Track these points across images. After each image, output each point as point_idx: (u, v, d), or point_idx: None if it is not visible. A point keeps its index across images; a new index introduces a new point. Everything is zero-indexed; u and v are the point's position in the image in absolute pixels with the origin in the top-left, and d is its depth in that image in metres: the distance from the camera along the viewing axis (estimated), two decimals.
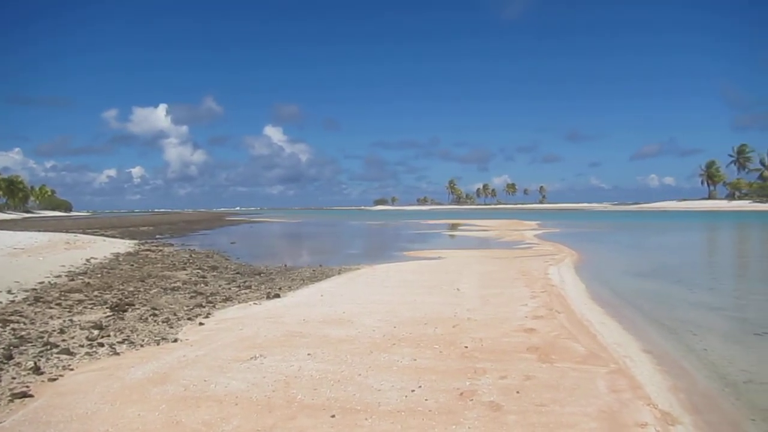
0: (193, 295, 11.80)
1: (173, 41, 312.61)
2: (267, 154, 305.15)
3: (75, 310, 9.93)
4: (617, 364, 6.61)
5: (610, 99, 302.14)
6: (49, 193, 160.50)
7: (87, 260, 18.34)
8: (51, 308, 10.02)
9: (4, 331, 8.06)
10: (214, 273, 15.91)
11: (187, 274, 15.48)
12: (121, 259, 19.58)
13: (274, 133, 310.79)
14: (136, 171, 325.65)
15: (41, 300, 10.69)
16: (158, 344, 7.57)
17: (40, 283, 12.94)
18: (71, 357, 6.88)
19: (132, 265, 17.67)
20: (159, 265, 17.76)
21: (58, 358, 6.83)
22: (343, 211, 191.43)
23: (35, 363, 6.45)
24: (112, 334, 8.10)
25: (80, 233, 33.91)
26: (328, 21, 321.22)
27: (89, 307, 10.33)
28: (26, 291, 11.76)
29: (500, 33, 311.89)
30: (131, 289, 12.62)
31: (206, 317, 9.44)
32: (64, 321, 8.95)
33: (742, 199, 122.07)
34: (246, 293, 12.12)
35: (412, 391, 5.58)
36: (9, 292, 11.43)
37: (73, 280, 13.84)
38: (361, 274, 15.36)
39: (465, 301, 10.67)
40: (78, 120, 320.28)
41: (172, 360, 6.74)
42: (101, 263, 18.04)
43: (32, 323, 8.73)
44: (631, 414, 5.06)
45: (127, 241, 29.37)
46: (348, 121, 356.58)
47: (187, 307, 10.38)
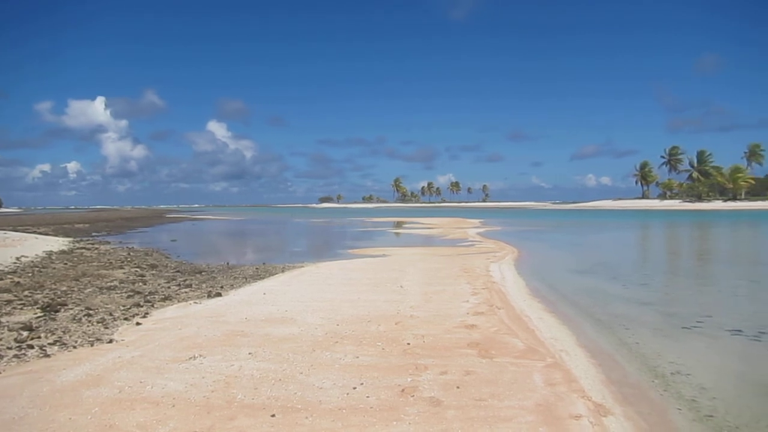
0: (131, 294, 11.46)
1: (114, 35, 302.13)
2: (211, 150, 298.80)
3: (3, 311, 9.49)
4: (554, 359, 6.81)
5: (552, 99, 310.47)
6: None
7: (17, 258, 17.54)
8: None
9: None
10: (153, 271, 15.49)
11: (124, 273, 15.02)
12: (54, 258, 18.80)
13: (218, 128, 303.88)
14: (72, 166, 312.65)
15: None
16: (92, 345, 7.32)
17: None
18: None
19: (66, 264, 17.00)
20: (95, 264, 17.16)
21: None
22: (288, 209, 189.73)
23: None
24: (42, 335, 7.77)
25: (10, 230, 32.37)
26: (275, 19, 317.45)
27: (18, 307, 9.88)
28: None
29: (447, 33, 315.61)
30: (64, 288, 12.14)
31: (144, 317, 9.18)
32: None
33: (673, 198, 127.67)
34: (186, 292, 11.86)
35: (354, 388, 5.59)
36: None
37: (1, 279, 13.21)
38: (305, 272, 15.27)
39: (408, 298, 10.75)
40: (8, 112, 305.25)
41: (107, 361, 6.53)
42: (33, 262, 17.29)
43: None
44: (566, 406, 5.22)
45: (61, 239, 28.24)
46: (295, 118, 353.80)
47: (123, 306, 10.07)
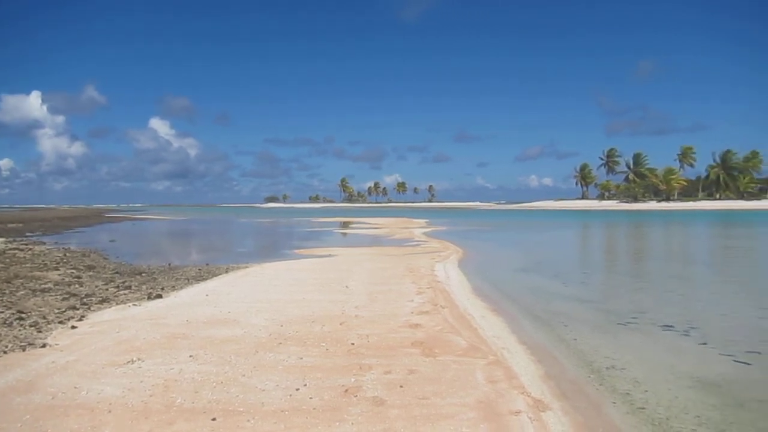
0: (66, 296, 11.04)
1: (52, 27, 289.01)
2: (153, 148, 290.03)
3: None
4: (495, 356, 6.94)
5: (498, 101, 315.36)
6: None
7: None
8: None
9: None
10: (91, 273, 14.97)
11: (60, 275, 14.45)
12: None
13: (161, 126, 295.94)
14: (5, 163, 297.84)
15: None
16: (24, 350, 7.01)
17: None
18: None
19: None
20: (28, 265, 16.44)
21: None
22: (232, 209, 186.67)
23: None
24: None
25: None
26: (222, 17, 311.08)
27: None
28: None
29: (398, 33, 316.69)
30: None
31: (80, 320, 8.86)
32: None
33: (611, 199, 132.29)
34: (125, 294, 11.51)
35: (297, 389, 5.56)
36: None
37: None
38: (250, 272, 15.06)
39: (353, 298, 10.76)
40: None
41: (40, 367, 6.28)
42: None
43: None
44: (507, 403, 5.33)
45: None
46: (241, 116, 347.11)
47: (58, 309, 9.69)
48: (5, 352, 6.89)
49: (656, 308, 10.76)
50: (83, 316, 9.15)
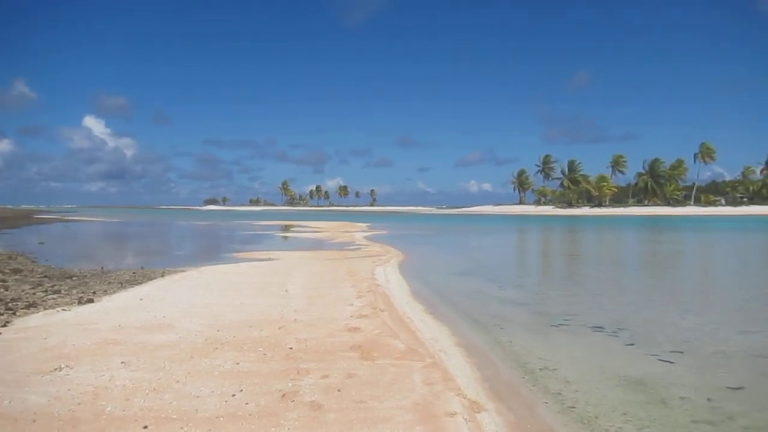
0: None
1: None
2: (87, 148, 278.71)
3: None
4: (433, 359, 7.04)
5: (441, 106, 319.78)
6: None
7: None
8: None
9: None
10: (17, 277, 14.27)
11: None
12: None
13: (95, 125, 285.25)
14: None
15: None
16: None
17: None
18: None
19: None
20: None
21: None
22: (170, 211, 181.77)
23: None
24: None
25: None
26: (164, 16, 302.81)
27: None
28: None
29: (342, 37, 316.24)
30: None
31: (4, 326, 8.43)
32: None
33: (547, 204, 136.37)
34: (54, 298, 11.04)
35: (233, 395, 5.47)
36: None
37: None
38: (187, 276, 14.71)
39: (292, 302, 10.68)
40: None
41: None
42: None
43: None
44: (443, 404, 5.42)
45: None
46: (181, 117, 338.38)
47: None
48: None
49: (587, 310, 11.15)
50: (8, 322, 8.72)
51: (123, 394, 5.46)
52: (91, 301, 10.72)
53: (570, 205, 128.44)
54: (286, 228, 53.08)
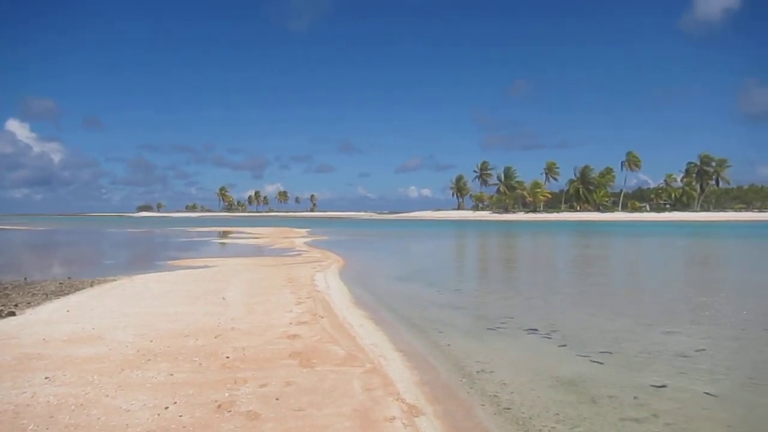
0: None
1: None
2: (9, 153, 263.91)
3: None
4: (372, 364, 7.04)
5: (381, 112, 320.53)
6: None
7: None
8: None
9: None
10: None
11: None
12: None
13: (19, 128, 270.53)
14: None
15: None
16: None
17: None
18: None
19: None
20: None
21: None
22: (101, 218, 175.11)
23: None
24: None
25: None
26: (99, 21, 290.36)
27: None
28: None
29: (286, 43, 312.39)
30: None
31: None
32: None
33: (484, 209, 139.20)
34: None
35: (166, 408, 5.30)
36: None
37: None
38: (118, 285, 14.18)
39: (230, 310, 10.46)
40: None
41: None
42: None
43: None
44: (382, 410, 5.42)
45: None
46: (114, 121, 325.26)
47: None
48: None
49: (522, 313, 11.42)
50: None
51: (47, 411, 5.20)
52: (12, 314, 10.18)
53: (506, 210, 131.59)
54: (224, 234, 52.03)
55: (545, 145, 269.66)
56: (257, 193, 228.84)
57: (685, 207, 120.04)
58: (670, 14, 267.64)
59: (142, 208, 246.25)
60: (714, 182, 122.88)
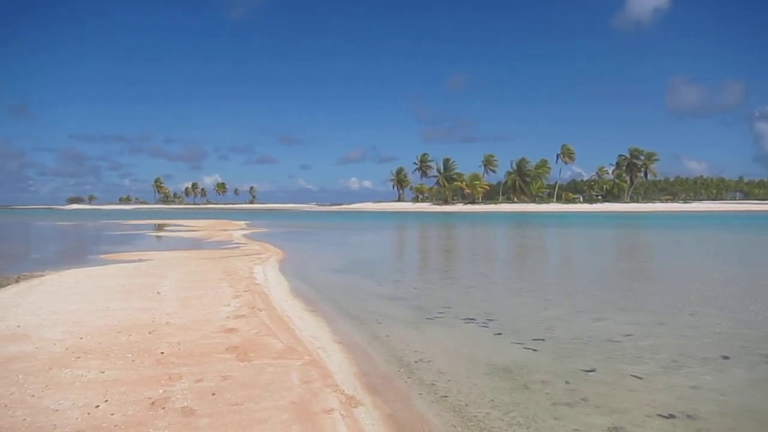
0: None
1: None
2: None
3: None
4: (311, 356, 7.04)
5: (322, 104, 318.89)
6: None
7: None
8: None
9: None
10: None
11: None
12: None
13: None
14: None
15: None
16: None
17: None
18: None
19: None
20: None
21: None
22: (27, 211, 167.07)
23: None
24: None
25: None
26: (34, 8, 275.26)
27: None
28: None
29: (225, 32, 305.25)
30: None
31: None
32: None
33: (424, 201, 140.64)
34: None
35: (97, 406, 5.14)
36: None
37: None
38: (46, 281, 13.60)
39: (165, 305, 10.22)
40: None
41: None
42: None
43: None
44: (320, 402, 5.44)
45: None
46: (42, 109, 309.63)
47: None
48: None
49: (460, 303, 11.64)
50: None
51: None
52: None
53: (446, 202, 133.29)
54: (160, 227, 50.62)
55: (484, 138, 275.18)
56: (195, 184, 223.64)
57: (615, 198, 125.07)
58: (603, 12, 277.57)
59: (72, 201, 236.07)
60: (643, 175, 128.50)
